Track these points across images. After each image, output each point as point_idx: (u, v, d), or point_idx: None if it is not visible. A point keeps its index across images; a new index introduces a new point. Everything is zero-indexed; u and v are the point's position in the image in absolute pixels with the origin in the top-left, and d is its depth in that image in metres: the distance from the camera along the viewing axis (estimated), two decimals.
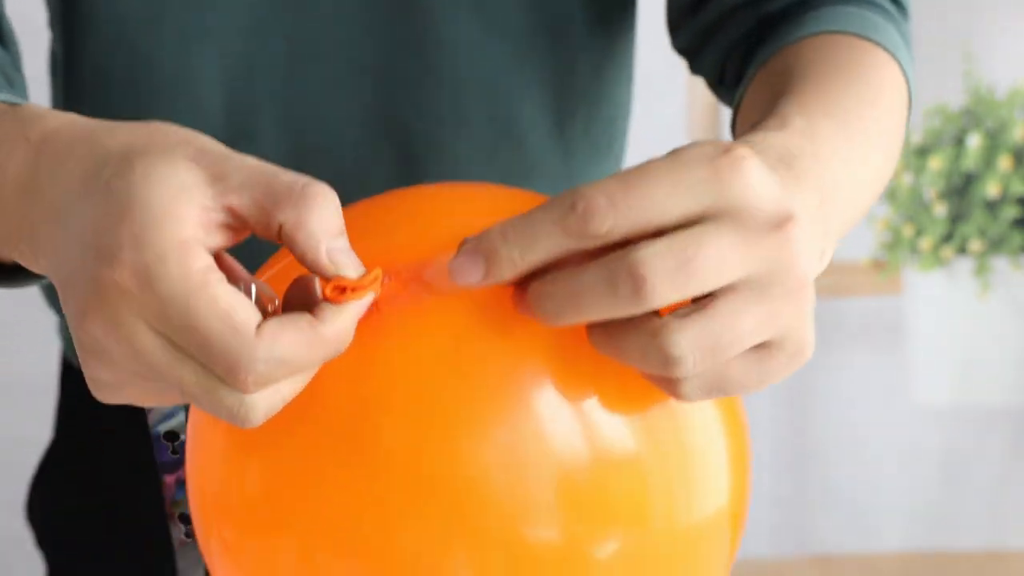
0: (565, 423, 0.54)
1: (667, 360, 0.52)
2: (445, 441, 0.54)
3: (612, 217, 0.51)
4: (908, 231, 2.00)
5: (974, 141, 1.97)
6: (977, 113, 1.97)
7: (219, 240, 0.54)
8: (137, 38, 0.83)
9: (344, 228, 0.53)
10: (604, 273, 0.52)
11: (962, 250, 2.00)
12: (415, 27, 0.84)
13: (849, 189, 0.65)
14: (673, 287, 0.51)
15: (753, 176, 0.52)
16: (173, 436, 0.69)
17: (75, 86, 0.87)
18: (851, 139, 0.66)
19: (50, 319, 1.52)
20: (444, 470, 0.53)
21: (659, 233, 0.52)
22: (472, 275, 0.53)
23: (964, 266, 2.01)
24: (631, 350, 0.53)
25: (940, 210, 1.99)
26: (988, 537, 2.04)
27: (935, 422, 2.03)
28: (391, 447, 0.54)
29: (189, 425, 0.62)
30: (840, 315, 2.01)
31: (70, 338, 0.98)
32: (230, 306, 0.51)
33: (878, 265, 2.01)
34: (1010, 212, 1.99)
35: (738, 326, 0.52)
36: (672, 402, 0.56)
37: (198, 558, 0.66)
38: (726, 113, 1.92)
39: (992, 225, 1.99)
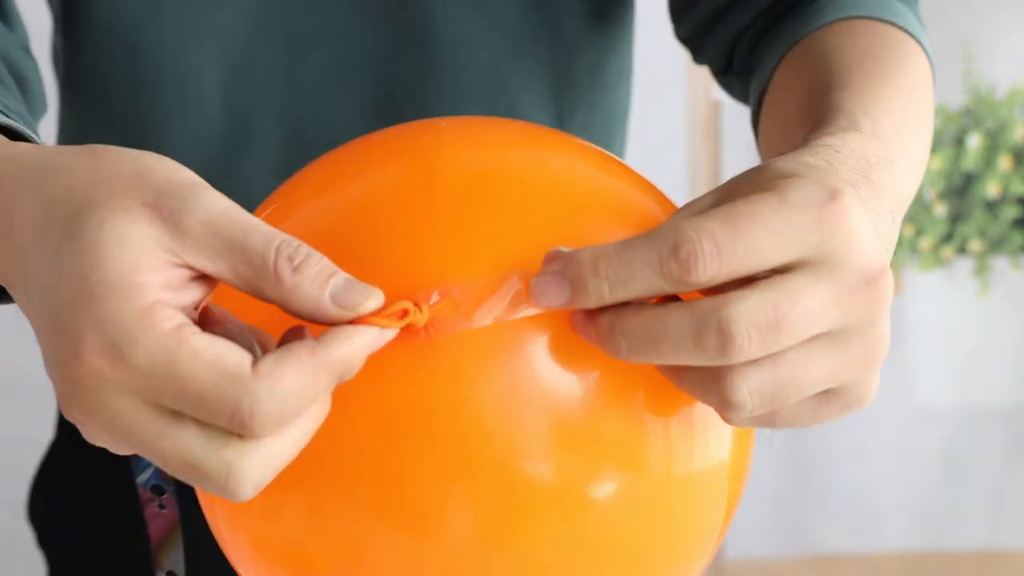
0: (565, 365, 0.54)
1: (726, 404, 0.51)
2: (447, 378, 0.53)
3: (716, 266, 0.49)
4: (908, 231, 2.00)
5: (974, 141, 1.97)
6: (977, 113, 1.97)
7: (193, 295, 0.50)
8: (136, 35, 0.83)
9: (333, 265, 0.50)
10: (691, 325, 0.49)
11: (962, 250, 2.00)
12: (414, 23, 0.84)
13: (908, 188, 0.65)
14: (761, 346, 0.49)
15: (856, 228, 0.51)
16: (159, 490, 0.65)
17: (75, 82, 0.87)
18: (905, 137, 0.66)
19: None
20: (446, 406, 0.53)
21: (751, 276, 0.50)
22: (555, 299, 0.51)
23: (964, 266, 2.01)
24: (692, 385, 0.52)
25: (940, 210, 1.99)
26: (988, 537, 2.04)
27: (935, 422, 2.03)
28: (395, 387, 0.53)
29: None
30: None
31: None
32: (216, 355, 0.48)
33: None
34: (1010, 212, 1.99)
35: (805, 378, 0.51)
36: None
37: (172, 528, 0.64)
38: (726, 113, 1.91)
39: (992, 225, 1.99)
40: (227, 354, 0.48)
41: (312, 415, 0.50)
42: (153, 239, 0.49)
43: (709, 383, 0.51)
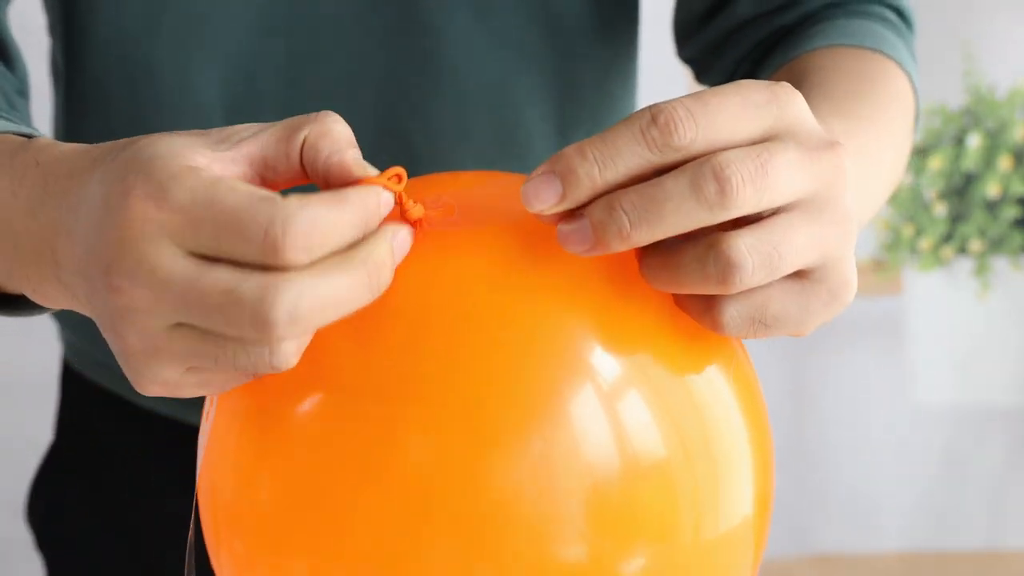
0: (598, 433, 0.52)
1: (727, 265, 0.52)
2: (473, 456, 0.51)
3: (693, 129, 0.52)
4: (908, 231, 2.00)
5: (974, 141, 1.97)
6: (977, 113, 1.97)
7: None
8: (136, 48, 0.83)
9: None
10: (687, 177, 0.52)
11: (962, 250, 2.00)
12: (418, 37, 0.84)
13: (865, 182, 0.67)
14: (754, 190, 0.52)
15: (803, 105, 0.55)
16: None
17: (75, 95, 0.87)
18: (863, 141, 0.68)
19: (52, 319, 1.52)
20: (471, 488, 0.51)
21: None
22: (547, 198, 0.53)
23: (964, 266, 2.01)
24: (688, 264, 0.53)
25: (940, 210, 1.99)
26: (988, 537, 2.05)
27: (935, 422, 2.03)
28: (415, 463, 0.51)
29: (204, 430, 0.59)
30: (840, 315, 2.01)
31: (70, 342, 0.98)
32: (251, 187, 0.51)
33: (878, 265, 2.01)
34: (1010, 212, 1.99)
35: (792, 241, 0.53)
36: (702, 410, 0.55)
37: None
38: None
39: (992, 225, 1.99)
40: (262, 189, 0.51)
41: (354, 266, 0.51)
42: (201, 143, 0.53)
43: (706, 253, 0.52)
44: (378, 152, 0.85)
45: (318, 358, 0.54)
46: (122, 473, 0.95)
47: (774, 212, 0.53)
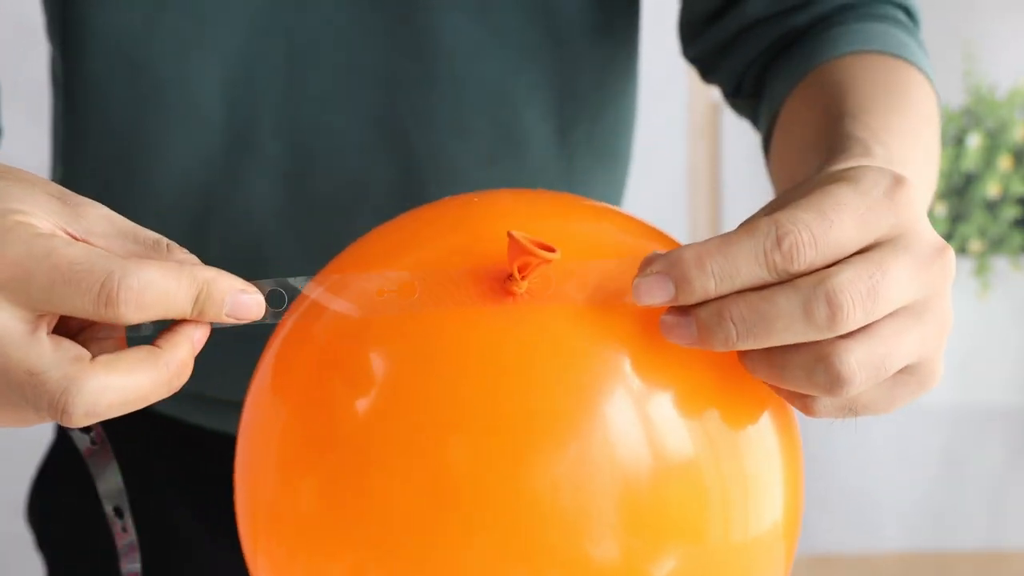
0: (632, 438, 0.54)
1: (836, 379, 0.53)
2: (512, 457, 0.52)
3: (813, 254, 0.53)
4: None
5: (974, 141, 1.97)
6: (977, 113, 1.97)
7: None
8: (135, 48, 0.83)
9: None
10: (799, 299, 0.53)
11: (962, 250, 2.00)
12: (417, 34, 0.83)
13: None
14: (864, 311, 0.53)
15: (919, 208, 0.55)
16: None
17: (73, 96, 0.87)
18: (916, 163, 0.69)
19: None
20: (509, 488, 0.52)
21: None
22: (658, 297, 0.54)
23: (964, 266, 2.01)
24: (796, 370, 0.54)
25: (940, 210, 1.99)
26: (988, 537, 2.04)
27: (935, 422, 2.03)
28: (454, 464, 0.52)
29: (240, 439, 0.60)
30: None
31: None
32: (88, 246, 0.51)
33: None
34: (1010, 212, 1.99)
35: (899, 349, 0.54)
36: (733, 420, 0.57)
37: (108, 463, 0.65)
38: (726, 114, 1.92)
39: (992, 225, 1.99)
40: (98, 248, 0.52)
41: (158, 368, 0.53)
42: (51, 212, 0.53)
43: (815, 364, 0.54)
44: (378, 147, 0.85)
45: (363, 366, 0.55)
46: (121, 472, 0.95)
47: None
